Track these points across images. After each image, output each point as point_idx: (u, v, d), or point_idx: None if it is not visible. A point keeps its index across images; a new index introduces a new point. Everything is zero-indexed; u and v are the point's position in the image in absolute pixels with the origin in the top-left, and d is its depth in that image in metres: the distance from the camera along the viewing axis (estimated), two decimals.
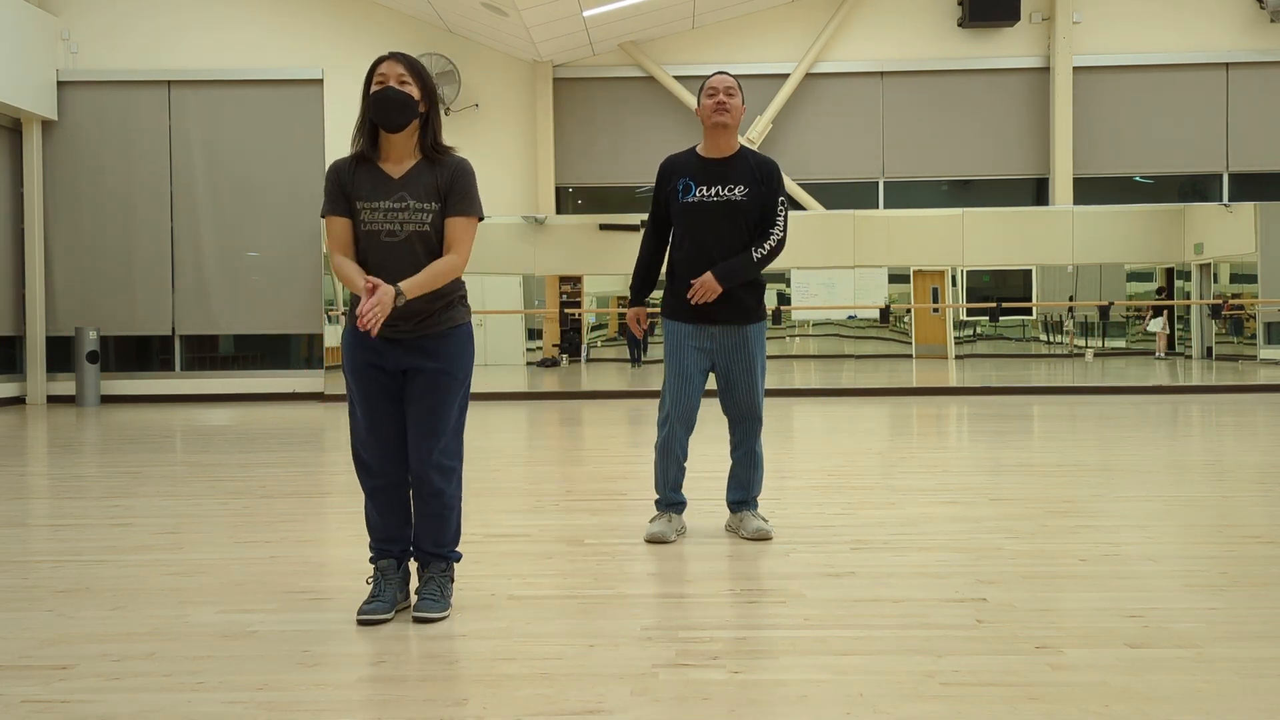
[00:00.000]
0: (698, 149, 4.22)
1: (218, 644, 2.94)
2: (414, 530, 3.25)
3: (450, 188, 3.13)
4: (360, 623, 3.10)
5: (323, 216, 3.14)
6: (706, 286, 4.06)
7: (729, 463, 4.41)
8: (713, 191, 4.10)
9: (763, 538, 4.22)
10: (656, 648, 2.86)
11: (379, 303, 2.90)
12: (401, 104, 3.05)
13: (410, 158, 3.14)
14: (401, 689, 2.58)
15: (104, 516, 4.98)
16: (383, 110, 3.05)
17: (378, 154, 3.14)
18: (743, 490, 4.36)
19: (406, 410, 3.15)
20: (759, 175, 4.13)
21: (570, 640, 2.94)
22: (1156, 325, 14.08)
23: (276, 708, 2.46)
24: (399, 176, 3.11)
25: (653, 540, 4.19)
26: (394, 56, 3.13)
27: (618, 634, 2.99)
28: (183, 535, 4.51)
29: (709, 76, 4.22)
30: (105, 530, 4.64)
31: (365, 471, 3.21)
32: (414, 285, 3.02)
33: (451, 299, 3.17)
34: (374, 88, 3.09)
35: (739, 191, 4.10)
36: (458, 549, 3.31)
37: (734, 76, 4.21)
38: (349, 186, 3.11)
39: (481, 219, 3.20)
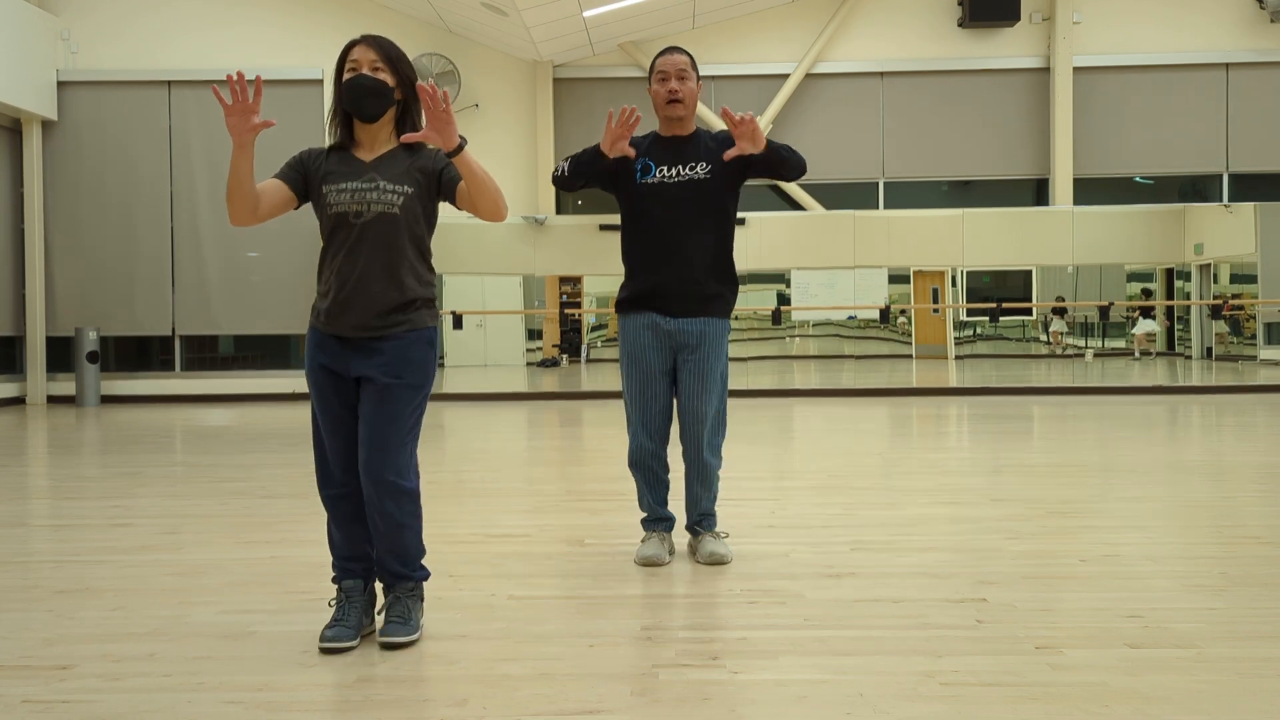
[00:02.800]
0: (658, 131, 3.86)
1: (218, 644, 2.94)
2: (374, 549, 2.99)
3: (439, 172, 2.95)
4: (322, 651, 2.83)
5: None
6: (755, 125, 3.52)
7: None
8: (674, 171, 3.73)
9: (718, 562, 3.79)
10: (656, 648, 2.86)
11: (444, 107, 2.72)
12: (374, 91, 2.86)
13: (386, 145, 2.96)
14: (401, 689, 2.58)
15: (104, 516, 4.98)
16: (354, 98, 2.87)
17: (353, 143, 2.97)
18: (693, 508, 3.91)
19: (359, 419, 2.92)
20: (721, 150, 3.71)
21: (570, 640, 2.93)
22: (1143, 327, 14.09)
23: (276, 708, 2.46)
24: (370, 159, 2.94)
25: (646, 564, 3.80)
26: (366, 40, 2.92)
27: (618, 634, 2.99)
28: (183, 535, 4.51)
29: (659, 54, 3.81)
30: (105, 530, 4.63)
31: (325, 481, 2.98)
32: (470, 160, 2.83)
33: (416, 299, 2.93)
34: (345, 75, 2.90)
35: (701, 169, 3.72)
36: (424, 567, 3.03)
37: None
38: (314, 170, 2.94)
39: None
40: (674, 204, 3.72)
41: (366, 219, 2.87)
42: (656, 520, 3.96)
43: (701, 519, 3.91)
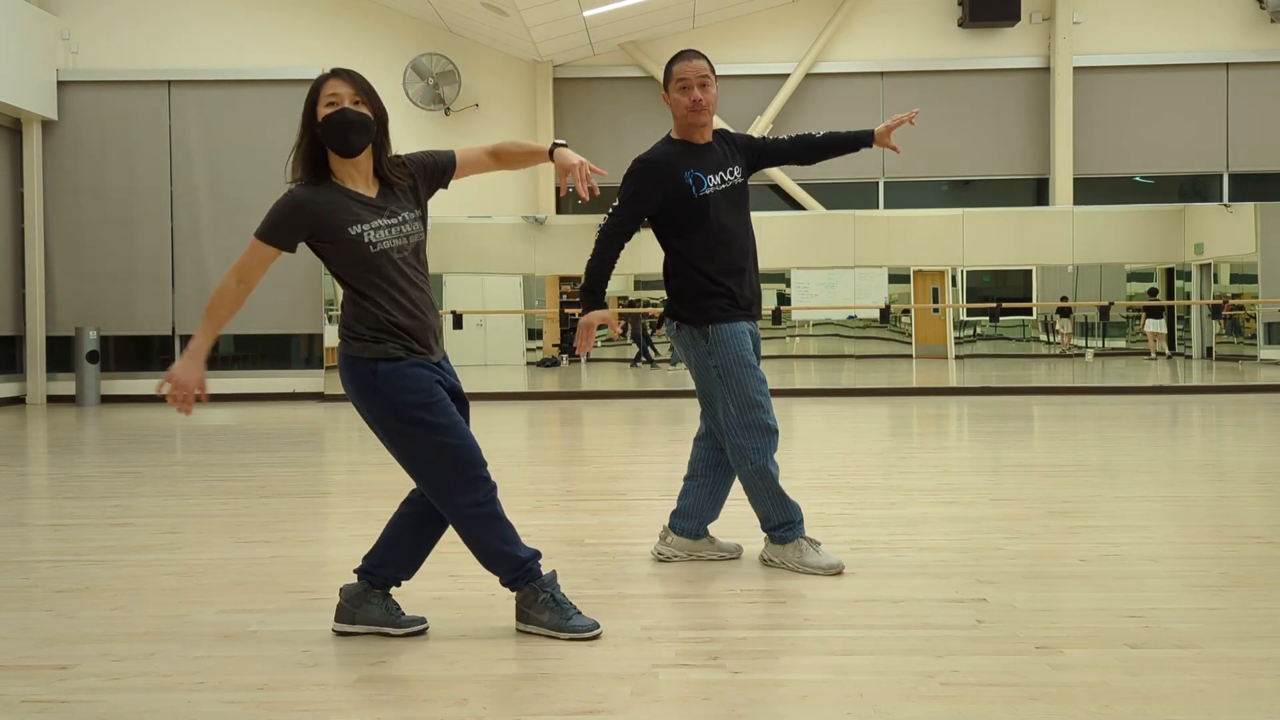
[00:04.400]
0: (673, 136, 3.77)
1: (218, 644, 2.94)
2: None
3: (421, 168, 3.03)
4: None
5: (257, 237, 2.87)
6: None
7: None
8: (718, 178, 3.69)
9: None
10: (656, 648, 2.86)
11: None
12: (362, 125, 2.83)
13: (369, 180, 2.94)
14: (401, 689, 2.58)
15: (104, 516, 4.98)
16: (340, 133, 2.82)
17: (329, 176, 2.91)
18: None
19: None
20: (739, 147, 3.80)
21: (570, 640, 2.93)
22: (1152, 326, 14.09)
23: (276, 708, 2.46)
24: (374, 195, 2.92)
25: (836, 571, 3.66)
26: (340, 75, 2.88)
27: (618, 634, 2.99)
28: (183, 535, 4.51)
29: (675, 57, 3.71)
30: (105, 530, 4.63)
31: (476, 484, 2.93)
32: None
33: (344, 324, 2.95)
34: (326, 110, 2.84)
35: (738, 172, 3.75)
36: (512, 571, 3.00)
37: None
38: (324, 216, 2.84)
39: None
40: (730, 210, 3.72)
41: (407, 252, 2.92)
42: (800, 522, 3.78)
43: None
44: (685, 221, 3.70)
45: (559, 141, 3.14)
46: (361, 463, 6.98)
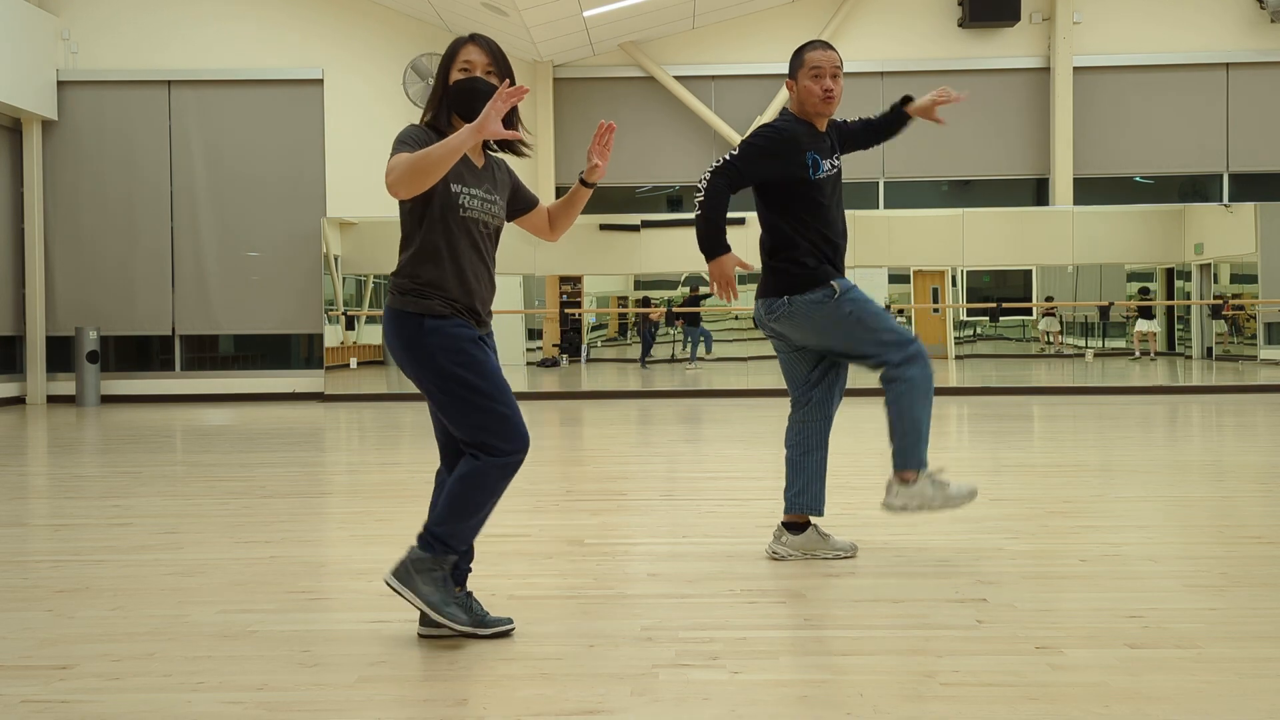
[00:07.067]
0: (795, 115, 3.82)
1: (218, 644, 2.94)
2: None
3: (512, 183, 3.09)
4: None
5: (396, 153, 2.73)
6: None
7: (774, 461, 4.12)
8: (829, 164, 3.82)
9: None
10: (656, 648, 2.86)
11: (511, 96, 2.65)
12: (488, 96, 2.80)
13: (479, 151, 2.95)
14: (401, 689, 2.58)
15: (104, 516, 4.98)
16: (467, 100, 2.83)
17: None
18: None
19: None
20: (839, 140, 3.97)
21: (570, 640, 2.93)
22: (1144, 326, 14.09)
23: (276, 708, 2.46)
24: (481, 167, 2.94)
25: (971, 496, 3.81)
26: (478, 41, 2.90)
27: (618, 634, 2.99)
28: (182, 535, 4.51)
29: (808, 45, 3.79)
30: (105, 530, 4.63)
31: (517, 434, 2.90)
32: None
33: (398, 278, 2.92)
34: (458, 75, 2.87)
35: (838, 160, 3.90)
36: (433, 539, 2.87)
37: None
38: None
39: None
40: (834, 195, 3.87)
41: (490, 230, 2.95)
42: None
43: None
44: (801, 199, 3.77)
45: (583, 179, 3.09)
46: (361, 463, 6.98)
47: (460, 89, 2.85)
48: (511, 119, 2.90)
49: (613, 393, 12.73)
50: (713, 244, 3.68)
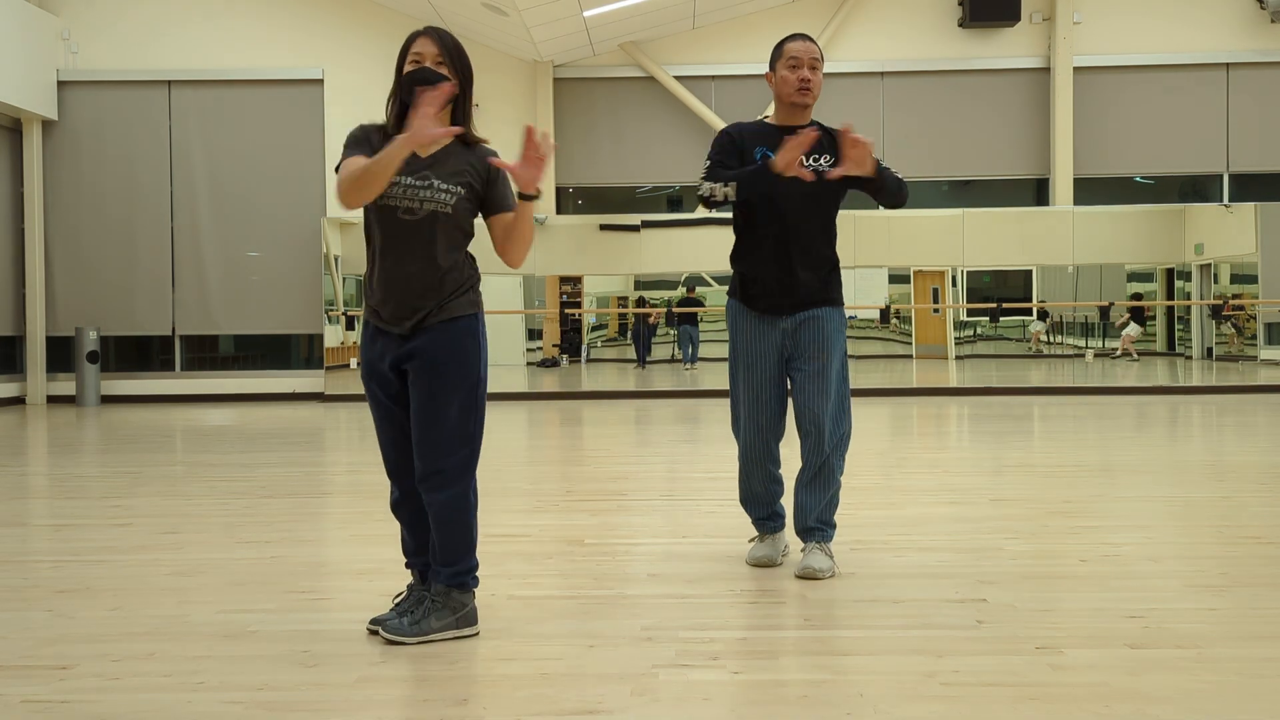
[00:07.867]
0: (767, 119, 3.69)
1: (218, 644, 2.94)
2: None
3: (488, 178, 2.97)
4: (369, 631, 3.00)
5: (340, 164, 2.82)
6: (867, 150, 3.41)
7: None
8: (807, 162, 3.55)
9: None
10: (656, 648, 2.86)
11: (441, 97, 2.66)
12: (436, 84, 2.78)
13: (441, 140, 2.88)
14: (401, 689, 2.58)
15: (104, 516, 4.98)
16: (413, 91, 2.82)
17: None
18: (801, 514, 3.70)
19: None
20: (838, 144, 3.53)
21: (570, 640, 2.93)
22: (1130, 330, 14.09)
23: (276, 708, 2.46)
24: (426, 155, 2.89)
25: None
26: (429, 33, 2.91)
27: (618, 634, 2.98)
28: (183, 535, 4.50)
29: (788, 38, 3.66)
30: (105, 530, 4.63)
31: (390, 480, 3.03)
32: (531, 209, 2.96)
33: (454, 291, 2.91)
34: (408, 66, 2.88)
35: (825, 162, 3.58)
36: (464, 574, 2.95)
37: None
38: (374, 149, 2.83)
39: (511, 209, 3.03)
40: (795, 200, 3.57)
41: (418, 216, 2.86)
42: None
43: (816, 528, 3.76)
44: (753, 201, 3.60)
45: (520, 193, 2.98)
46: (361, 463, 6.98)
47: (409, 79, 2.86)
48: (459, 115, 2.92)
49: (612, 393, 12.73)
50: (750, 178, 3.48)
